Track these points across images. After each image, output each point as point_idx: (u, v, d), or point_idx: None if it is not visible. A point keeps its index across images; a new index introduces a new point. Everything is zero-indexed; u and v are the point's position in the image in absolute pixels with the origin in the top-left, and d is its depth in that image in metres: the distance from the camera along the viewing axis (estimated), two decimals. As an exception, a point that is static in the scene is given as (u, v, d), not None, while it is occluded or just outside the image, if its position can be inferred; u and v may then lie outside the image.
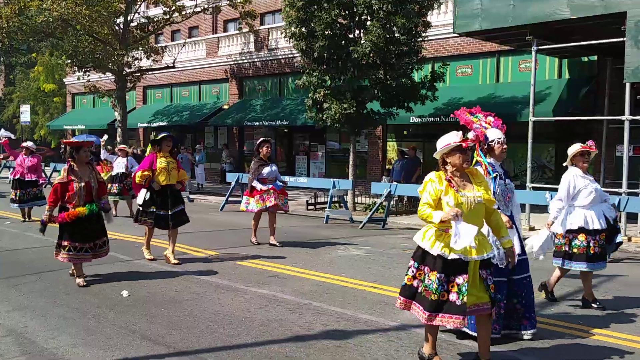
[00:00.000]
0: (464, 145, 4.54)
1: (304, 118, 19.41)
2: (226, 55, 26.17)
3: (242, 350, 5.18)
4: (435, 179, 4.61)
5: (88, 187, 7.33)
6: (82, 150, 7.40)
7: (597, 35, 12.32)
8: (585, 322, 6.10)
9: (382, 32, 14.46)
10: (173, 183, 8.62)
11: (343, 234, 12.29)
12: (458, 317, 4.41)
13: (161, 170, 8.52)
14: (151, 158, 8.62)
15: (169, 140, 8.73)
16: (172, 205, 8.61)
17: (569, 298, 7.13)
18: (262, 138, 10.69)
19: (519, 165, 17.85)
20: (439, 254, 4.47)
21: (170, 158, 8.69)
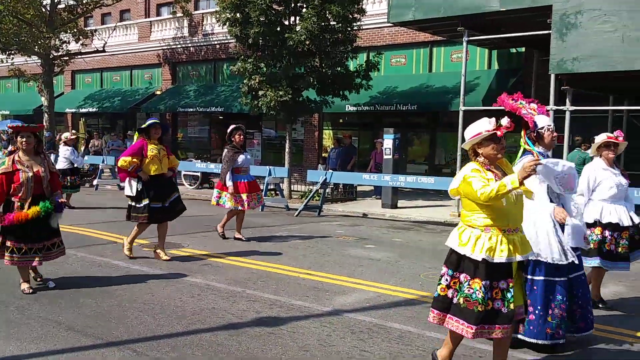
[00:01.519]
0: (498, 134, 4.07)
1: (239, 105, 19.22)
2: (159, 39, 25.55)
3: (173, 339, 5.10)
4: (479, 169, 4.08)
5: (37, 178, 6.33)
6: (21, 136, 6.37)
7: (525, 28, 12.72)
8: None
9: (317, 19, 14.46)
10: (164, 172, 8.08)
11: (279, 221, 12.29)
12: (506, 326, 3.98)
13: (153, 159, 7.91)
14: (140, 144, 7.94)
15: (158, 127, 8.09)
16: (168, 194, 8.05)
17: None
18: (234, 125, 10.07)
19: (450, 154, 18.29)
20: (483, 259, 3.94)
21: (160, 145, 8.09)
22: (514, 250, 3.97)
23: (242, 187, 9.64)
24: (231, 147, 9.77)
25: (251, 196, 9.71)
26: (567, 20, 11.32)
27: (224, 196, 9.65)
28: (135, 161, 7.83)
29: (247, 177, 9.82)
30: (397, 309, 6.08)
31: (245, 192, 9.63)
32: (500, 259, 3.92)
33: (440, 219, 12.84)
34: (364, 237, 10.56)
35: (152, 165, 7.92)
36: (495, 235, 3.96)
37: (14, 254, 6.35)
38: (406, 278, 7.45)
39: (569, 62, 11.40)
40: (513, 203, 4.01)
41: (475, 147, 4.15)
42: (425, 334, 5.31)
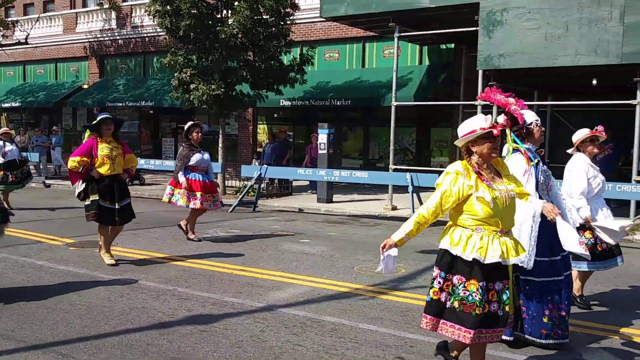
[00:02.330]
0: (495, 132, 3.84)
1: (170, 99, 18.83)
2: (85, 32, 24.68)
3: (100, 340, 4.93)
4: (462, 171, 3.85)
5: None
6: None
7: (454, 25, 13.01)
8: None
9: (250, 13, 14.31)
10: (119, 173, 7.47)
11: (213, 217, 12.10)
12: (501, 329, 3.83)
13: (104, 160, 7.30)
14: (90, 143, 7.33)
15: (109, 122, 7.41)
16: (120, 198, 7.44)
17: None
18: (191, 122, 9.64)
19: (383, 148, 18.54)
20: (474, 259, 3.75)
21: (115, 143, 7.45)
22: (507, 252, 3.79)
23: (196, 185, 9.24)
24: (187, 145, 9.37)
25: (205, 196, 9.27)
26: (494, 17, 11.66)
27: (177, 194, 9.23)
28: (85, 160, 7.25)
29: (203, 176, 9.39)
30: (330, 302, 6.10)
31: (200, 191, 9.22)
32: (492, 259, 3.73)
33: (374, 213, 12.99)
34: (299, 232, 10.55)
35: (104, 166, 7.32)
36: (486, 235, 3.79)
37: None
38: (340, 272, 7.49)
39: (496, 58, 11.75)
40: (504, 205, 3.82)
41: (470, 145, 3.91)
42: (358, 326, 5.34)
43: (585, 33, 10.84)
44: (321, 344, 4.89)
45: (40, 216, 11.41)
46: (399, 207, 13.21)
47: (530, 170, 4.56)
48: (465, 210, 3.84)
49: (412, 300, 6.19)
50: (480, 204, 3.78)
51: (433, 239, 9.91)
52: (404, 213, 12.39)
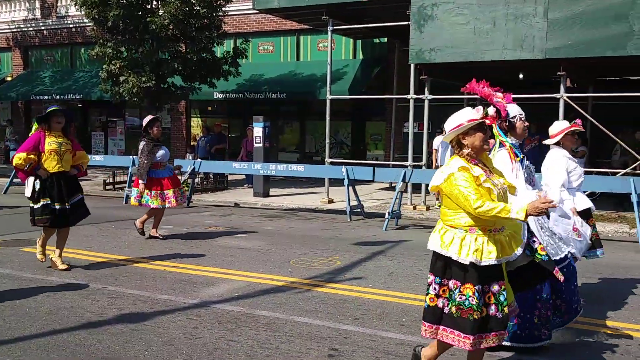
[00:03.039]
0: (487, 122, 3.74)
1: (99, 91, 18.23)
2: (7, 21, 23.55)
3: (26, 342, 4.73)
4: (467, 166, 3.67)
5: None
6: None
7: (387, 19, 13.16)
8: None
9: (181, 3, 14.03)
10: (67, 169, 6.95)
11: (143, 214, 11.81)
12: (502, 332, 3.67)
13: (51, 154, 6.79)
14: (37, 137, 6.81)
15: (60, 115, 6.94)
16: (69, 195, 6.93)
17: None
18: (151, 116, 9.28)
19: (320, 142, 18.60)
20: (471, 262, 3.58)
21: (64, 138, 6.96)
22: (502, 251, 3.66)
23: (166, 183, 8.91)
24: (149, 140, 8.90)
25: (176, 192, 8.98)
26: (425, 12, 11.86)
27: (146, 195, 8.81)
28: (32, 157, 6.76)
29: (167, 172, 9.08)
30: (265, 296, 6.07)
31: (171, 188, 8.91)
32: (489, 261, 3.59)
33: (311, 206, 13.02)
34: (234, 227, 10.45)
35: (50, 162, 6.81)
36: (480, 236, 3.63)
37: None
38: (276, 265, 7.47)
39: (427, 53, 11.97)
40: (501, 199, 3.68)
41: (460, 138, 3.73)
42: (293, 319, 5.34)
43: (512, 28, 11.18)
44: (255, 339, 4.86)
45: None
46: (335, 200, 13.29)
47: (517, 167, 4.44)
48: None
49: (347, 292, 6.24)
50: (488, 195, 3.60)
51: (367, 232, 10.06)
52: (340, 206, 12.48)
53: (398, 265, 7.50)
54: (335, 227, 10.63)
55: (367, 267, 7.39)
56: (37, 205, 6.85)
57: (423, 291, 6.21)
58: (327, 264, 7.56)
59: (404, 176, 10.99)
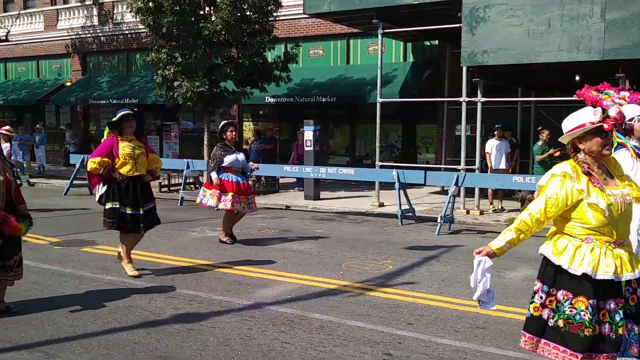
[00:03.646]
0: (606, 127, 3.33)
1: (154, 96, 18.69)
2: (67, 28, 24.42)
3: (87, 339, 4.90)
4: (570, 173, 3.34)
5: (7, 183, 5.41)
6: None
7: (438, 21, 13.05)
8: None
9: (233, 9, 14.25)
10: (142, 174, 6.87)
11: (198, 215, 12.04)
12: (614, 356, 3.29)
13: (125, 159, 6.70)
14: (110, 142, 6.76)
15: (131, 119, 6.83)
16: (144, 201, 6.84)
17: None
18: (225, 120, 9.21)
19: (370, 145, 18.57)
20: (584, 273, 3.24)
21: (137, 142, 6.87)
22: (622, 266, 3.27)
23: (229, 185, 8.81)
24: (221, 146, 8.93)
25: (238, 197, 8.81)
26: (477, 14, 11.71)
27: (208, 194, 8.86)
28: (106, 161, 6.67)
29: (237, 176, 8.92)
30: (318, 299, 6.10)
31: (232, 192, 8.77)
32: (605, 275, 3.23)
33: (361, 210, 13.00)
34: (286, 229, 10.54)
35: (125, 166, 6.73)
36: (598, 247, 3.29)
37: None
38: (328, 268, 7.50)
39: (479, 55, 11.80)
40: (619, 213, 3.30)
41: (576, 142, 3.40)
42: (346, 322, 5.35)
43: (567, 29, 10.92)
44: (309, 341, 4.89)
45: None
46: (386, 203, 13.25)
47: (637, 166, 4.05)
48: (574, 217, 3.34)
49: (400, 297, 6.21)
50: (593, 211, 3.27)
51: (419, 236, 9.99)
52: (391, 209, 12.42)
53: (452, 271, 7.42)
54: (386, 230, 10.59)
55: (420, 272, 7.34)
56: (107, 205, 6.80)
57: (478, 297, 6.16)
58: (379, 268, 7.54)
59: (456, 180, 10.86)
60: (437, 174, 12.95)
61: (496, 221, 11.57)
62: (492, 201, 12.87)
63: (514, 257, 8.17)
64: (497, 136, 12.89)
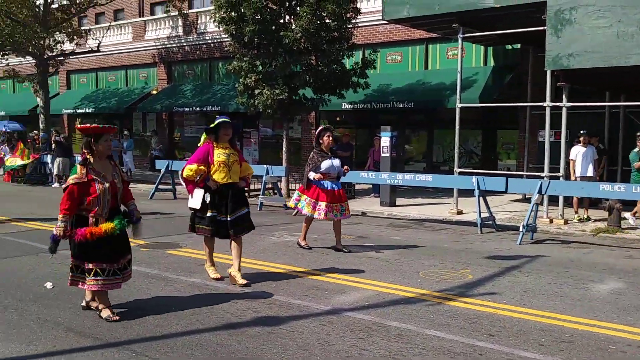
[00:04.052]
0: None
1: (235, 104, 19.18)
2: (153, 39, 25.49)
3: (172, 339, 5.09)
4: None
5: (113, 189, 5.58)
6: (104, 139, 5.54)
7: (520, 24, 12.71)
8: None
9: (313, 17, 14.43)
10: (235, 181, 6.92)
11: (277, 220, 12.26)
12: None
13: (220, 166, 6.77)
14: (206, 149, 6.83)
15: (227, 126, 6.88)
16: (233, 209, 6.83)
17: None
18: (322, 126, 9.16)
19: (448, 151, 18.30)
20: None
21: (231, 149, 6.92)
22: None
23: (323, 195, 8.75)
24: (318, 151, 8.89)
25: (331, 206, 8.75)
26: (562, 16, 11.32)
27: (303, 200, 8.84)
28: (202, 169, 6.76)
29: (333, 183, 8.86)
30: (396, 307, 6.07)
31: (326, 201, 8.73)
32: None
33: (439, 217, 12.83)
34: (362, 236, 10.55)
35: (219, 173, 6.79)
36: None
37: (99, 276, 5.52)
38: (405, 276, 7.44)
39: (565, 58, 11.40)
40: None
41: None
42: (424, 332, 5.30)
43: (662, 30, 10.38)
44: (387, 349, 4.87)
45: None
46: (465, 211, 13.01)
47: None
48: None
49: (481, 308, 6.08)
50: None
51: (500, 245, 9.74)
52: (470, 217, 12.19)
53: (535, 282, 7.19)
54: (465, 239, 10.40)
55: (501, 282, 7.16)
56: (204, 215, 6.83)
57: (563, 310, 5.96)
58: (458, 277, 7.41)
59: (540, 187, 10.51)
60: (519, 181, 12.59)
61: (581, 231, 11.13)
62: (577, 210, 12.38)
63: (600, 269, 7.85)
64: (583, 142, 12.40)
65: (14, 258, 8.20)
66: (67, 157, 19.62)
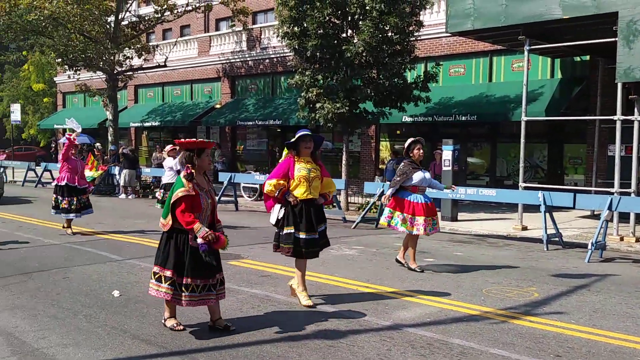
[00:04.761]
0: None
1: (296, 117, 19.38)
2: (218, 54, 26.10)
3: (234, 349, 5.14)
4: None
5: (213, 206, 5.64)
6: (205, 154, 5.56)
7: (589, 35, 12.35)
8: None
9: (375, 31, 14.45)
10: (315, 197, 6.62)
11: (336, 233, 12.25)
12: None
13: (300, 180, 6.50)
14: (287, 164, 6.59)
15: (309, 140, 6.56)
16: (317, 224, 6.58)
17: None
18: (412, 138, 8.82)
19: (512, 165, 17.89)
20: None
21: (313, 164, 6.62)
22: None
23: (419, 209, 8.39)
24: (408, 162, 8.58)
25: (428, 220, 8.39)
26: (635, 27, 10.92)
27: (397, 217, 8.42)
28: (282, 183, 6.49)
29: (424, 197, 8.57)
30: (458, 324, 5.95)
31: (423, 215, 8.36)
32: None
33: (502, 233, 12.52)
34: (423, 251, 10.40)
35: (299, 188, 6.50)
36: None
37: (194, 293, 5.44)
38: (468, 293, 7.28)
39: (637, 70, 10.98)
40: None
41: None
42: (488, 350, 5.16)
43: None
44: (450, 367, 4.78)
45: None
46: (530, 227, 12.65)
47: None
48: None
49: (547, 327, 5.88)
50: None
51: (567, 263, 9.41)
52: (536, 234, 11.84)
53: (605, 301, 6.91)
54: (530, 256, 10.10)
55: (569, 301, 6.90)
56: (282, 232, 6.57)
57: (635, 332, 5.69)
58: (523, 295, 7.20)
59: (610, 203, 10.12)
60: (588, 196, 12.16)
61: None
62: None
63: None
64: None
65: (84, 266, 8.50)
66: (134, 169, 20.29)
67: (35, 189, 22.36)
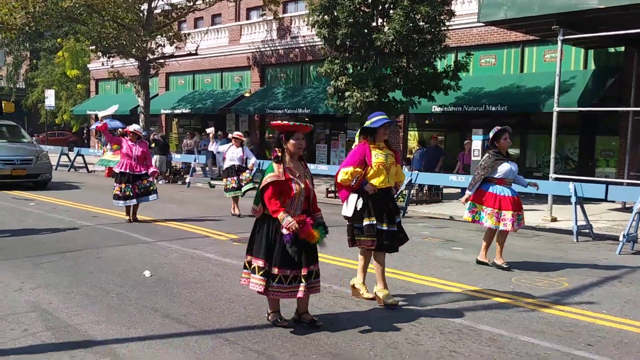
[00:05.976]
0: None
1: (325, 106, 19.39)
2: (248, 42, 26.20)
3: (263, 330, 5.21)
4: None
5: (307, 191, 5.30)
6: (296, 137, 5.20)
7: (625, 25, 12.09)
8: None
9: (406, 20, 14.36)
10: (392, 185, 6.15)
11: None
12: None
13: (379, 167, 5.99)
14: (362, 150, 6.06)
15: (387, 125, 6.10)
16: (392, 217, 6.06)
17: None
18: (499, 127, 8.11)
19: (542, 157, 17.68)
20: None
21: (389, 150, 6.16)
22: None
23: (506, 203, 7.82)
24: (494, 153, 7.97)
25: (515, 215, 7.79)
26: (674, 15, 10.68)
27: (483, 211, 7.88)
28: (359, 171, 5.97)
29: (511, 190, 7.97)
30: (487, 311, 5.93)
31: (510, 210, 7.77)
32: None
33: (531, 224, 12.36)
34: (450, 240, 10.38)
35: (378, 176, 6.00)
36: None
37: (282, 284, 5.12)
38: (497, 281, 7.25)
39: (675, 60, 10.75)
40: None
41: None
42: (518, 337, 5.15)
43: None
44: (479, 353, 4.77)
45: (210, 215, 12.32)
46: (559, 218, 12.50)
47: None
48: None
49: (578, 316, 5.84)
50: None
51: (598, 254, 9.30)
52: (565, 225, 11.70)
53: (636, 293, 6.82)
54: (560, 247, 10.00)
55: (600, 292, 6.83)
56: (361, 224, 6.02)
57: (670, 322, 5.61)
58: (553, 285, 7.14)
59: (642, 197, 9.95)
60: (620, 188, 11.97)
61: (690, 244, 10.41)
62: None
63: None
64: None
65: (116, 247, 8.67)
66: (164, 155, 20.51)
67: (68, 173, 22.78)
